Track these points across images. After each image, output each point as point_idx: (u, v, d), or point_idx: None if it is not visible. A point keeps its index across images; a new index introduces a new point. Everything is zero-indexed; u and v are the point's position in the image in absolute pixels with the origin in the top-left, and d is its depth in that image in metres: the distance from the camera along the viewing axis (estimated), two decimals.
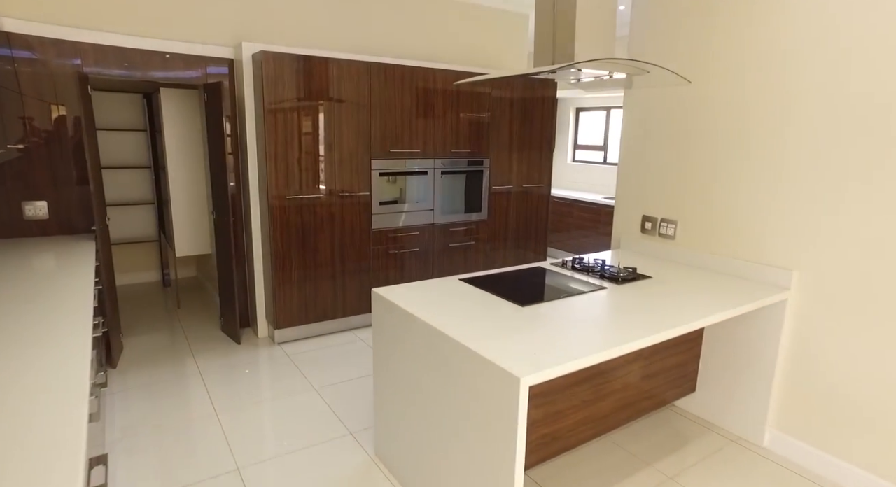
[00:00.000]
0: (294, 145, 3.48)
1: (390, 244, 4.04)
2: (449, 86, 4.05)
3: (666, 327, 1.89)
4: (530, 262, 4.90)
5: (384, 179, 3.90)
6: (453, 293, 2.28)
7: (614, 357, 1.74)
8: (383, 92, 3.76)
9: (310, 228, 3.64)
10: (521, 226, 4.77)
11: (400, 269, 4.13)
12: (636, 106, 3.09)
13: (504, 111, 4.41)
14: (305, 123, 3.49)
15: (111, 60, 3.21)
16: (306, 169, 3.56)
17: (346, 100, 3.62)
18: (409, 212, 4.08)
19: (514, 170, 4.61)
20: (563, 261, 2.84)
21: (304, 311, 3.76)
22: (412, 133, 3.96)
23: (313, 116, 3.52)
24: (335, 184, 3.69)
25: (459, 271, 4.46)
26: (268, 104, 3.35)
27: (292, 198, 3.54)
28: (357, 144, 3.74)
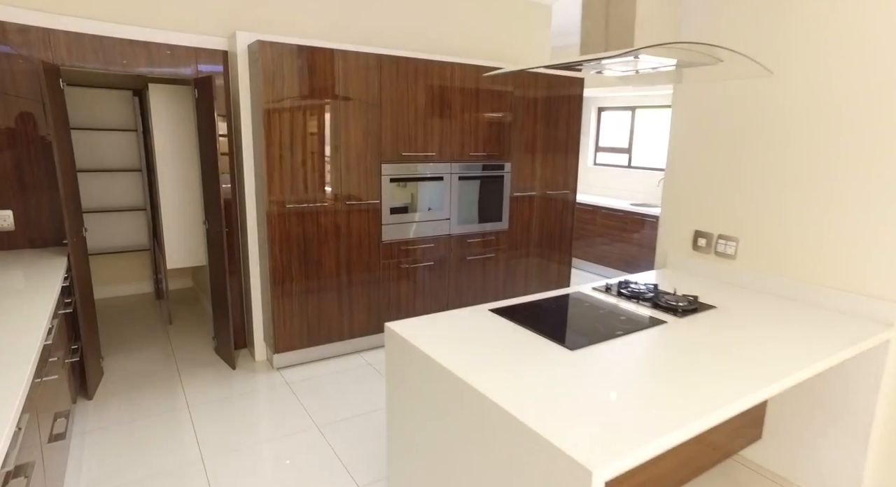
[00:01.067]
0: (295, 147, 3.09)
1: (402, 257, 3.64)
2: (467, 83, 3.65)
3: (760, 383, 1.47)
4: (554, 276, 4.49)
5: (395, 185, 3.51)
6: (484, 329, 1.88)
7: (705, 428, 1.33)
8: (395, 88, 3.37)
9: (312, 240, 3.25)
10: (544, 236, 4.36)
11: (413, 285, 3.73)
12: (689, 103, 2.68)
13: (527, 111, 4.00)
14: (308, 123, 3.10)
15: (87, 51, 2.83)
16: (309, 174, 3.17)
17: (353, 98, 3.22)
18: (423, 222, 3.68)
19: (536, 174, 4.20)
20: (606, 286, 2.43)
21: (306, 333, 3.36)
22: (426, 134, 3.56)
23: (317, 115, 3.12)
24: (341, 191, 3.30)
25: (477, 287, 4.05)
26: (265, 101, 2.96)
27: (293, 207, 3.15)
28: (366, 147, 3.34)
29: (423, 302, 3.81)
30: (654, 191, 5.72)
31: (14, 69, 2.70)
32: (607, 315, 2.07)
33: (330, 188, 3.25)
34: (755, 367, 1.58)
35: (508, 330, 1.87)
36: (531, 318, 2.00)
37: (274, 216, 3.10)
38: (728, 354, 1.68)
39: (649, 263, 5.19)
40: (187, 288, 5.07)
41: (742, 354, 1.68)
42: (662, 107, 5.64)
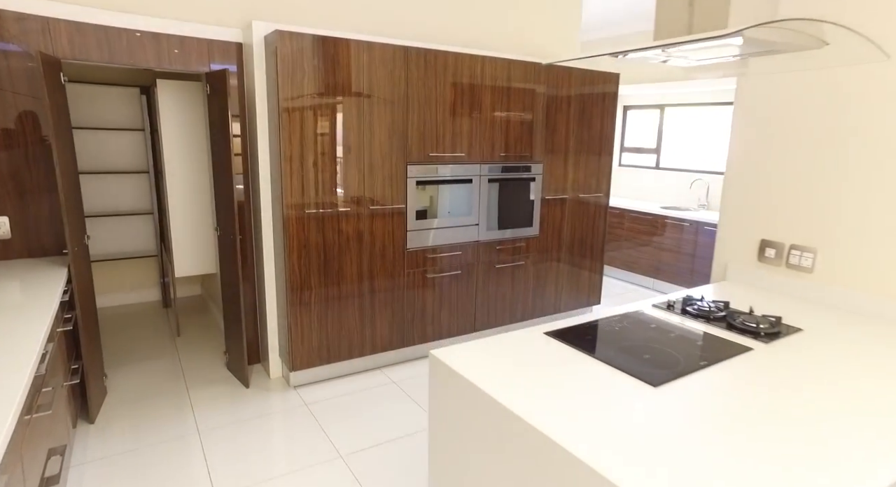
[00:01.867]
0: (315, 147, 2.84)
1: (428, 266, 3.38)
2: (498, 79, 3.38)
3: None
4: (585, 284, 4.22)
5: (422, 189, 3.25)
6: (543, 358, 1.61)
7: None
8: (423, 83, 3.11)
9: (333, 247, 3.00)
10: (575, 242, 4.08)
11: (438, 296, 3.47)
12: (755, 98, 2.40)
13: (559, 109, 3.73)
14: (329, 121, 2.85)
15: (90, 43, 2.59)
16: (329, 176, 2.91)
17: (378, 93, 2.97)
18: (450, 228, 3.42)
19: (569, 177, 3.93)
20: (668, 303, 2.16)
21: (326, 349, 3.11)
22: (455, 134, 3.30)
23: (338, 112, 2.87)
24: (364, 195, 3.04)
25: (506, 297, 3.79)
26: (284, 97, 2.71)
27: (312, 212, 2.90)
28: (391, 147, 3.08)
29: (450, 314, 3.55)
30: (685, 194, 5.43)
31: (11, 63, 2.46)
32: (680, 340, 1.79)
33: (352, 191, 3.00)
34: (883, 410, 1.30)
35: (572, 359, 1.61)
36: (593, 343, 1.74)
37: (291, 222, 2.84)
38: (843, 392, 1.40)
39: (682, 270, 4.91)
40: (196, 296, 4.83)
41: (861, 392, 1.40)
42: (694, 104, 5.35)
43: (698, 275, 4.77)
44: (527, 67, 3.50)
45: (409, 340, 3.41)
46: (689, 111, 5.42)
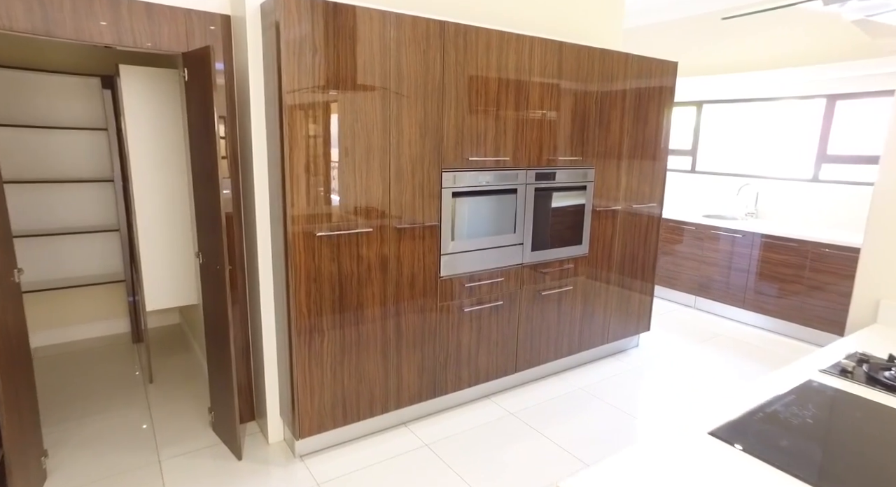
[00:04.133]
0: (328, 151, 2.17)
1: (465, 297, 2.73)
2: (548, 65, 2.75)
3: None
4: (635, 310, 3.62)
5: (458, 201, 2.59)
6: None
7: None
8: (462, 69, 2.46)
9: (351, 279, 2.32)
10: (626, 261, 3.47)
11: (476, 333, 2.82)
12: None
13: (614, 103, 3.12)
14: (345, 116, 2.18)
15: (15, 6, 1.88)
16: (346, 188, 2.24)
17: (408, 81, 2.31)
18: (492, 250, 2.77)
19: (622, 184, 3.31)
20: (841, 369, 1.54)
21: (341, 407, 2.43)
22: (499, 133, 2.66)
23: (358, 105, 2.20)
24: (389, 211, 2.38)
25: (551, 329, 3.15)
26: (288, 86, 2.03)
27: (325, 235, 2.22)
28: (423, 149, 2.42)
29: (489, 354, 2.90)
30: (727, 201, 4.86)
31: None
32: None
33: (374, 206, 2.33)
34: None
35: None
36: (795, 454, 1.11)
37: (298, 248, 2.16)
38: None
39: (733, 287, 4.33)
40: (173, 326, 4.09)
41: None
42: (737, 101, 4.79)
43: (752, 294, 4.20)
44: (580, 52, 2.87)
45: (441, 388, 2.75)
46: (730, 108, 4.86)
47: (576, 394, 3.07)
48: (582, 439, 2.62)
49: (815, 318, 3.84)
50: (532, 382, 3.21)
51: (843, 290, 3.67)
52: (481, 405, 2.94)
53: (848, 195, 4.09)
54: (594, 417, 2.83)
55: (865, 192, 3.99)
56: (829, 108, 4.18)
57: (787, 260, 3.97)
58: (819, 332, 3.85)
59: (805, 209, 4.34)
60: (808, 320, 3.88)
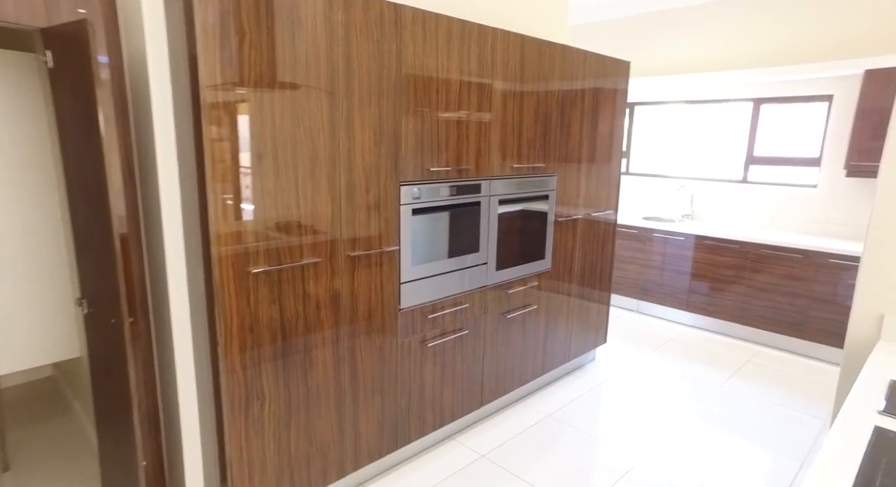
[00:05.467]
0: (261, 166, 1.68)
1: (428, 330, 2.34)
2: (511, 63, 2.43)
3: None
4: (593, 321, 3.45)
5: (419, 219, 2.20)
6: None
7: None
8: (421, 63, 2.07)
9: (296, 324, 1.85)
10: (585, 273, 3.26)
11: (440, 369, 2.44)
12: None
13: (574, 104, 2.88)
14: (282, 120, 1.71)
15: None
16: (287, 212, 1.77)
17: (359, 77, 1.88)
18: (455, 273, 2.41)
19: (581, 192, 3.09)
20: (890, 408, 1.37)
21: (288, 481, 1.95)
22: (461, 139, 2.30)
23: (299, 106, 1.74)
24: (341, 235, 1.93)
25: (516, 353, 2.85)
26: (206, 79, 1.53)
27: (262, 270, 1.73)
28: (378, 158, 2.00)
29: (454, 390, 2.54)
30: (664, 203, 4.88)
31: None
32: None
33: (321, 230, 1.87)
34: None
35: None
36: None
37: (227, 291, 1.66)
38: None
39: (670, 289, 4.32)
40: (42, 381, 3.28)
41: None
42: (671, 102, 4.81)
43: (694, 296, 4.21)
44: (542, 48, 2.59)
45: (404, 438, 2.35)
46: (662, 110, 4.88)
47: (545, 424, 2.80)
48: (565, 479, 2.34)
49: (757, 318, 3.90)
50: (497, 413, 2.90)
51: (784, 290, 3.75)
52: (448, 448, 2.57)
53: (775, 195, 4.21)
54: (571, 450, 2.57)
55: (790, 193, 4.13)
56: (755, 112, 4.29)
57: (728, 261, 4.00)
58: (763, 332, 3.92)
59: (736, 209, 4.43)
60: (751, 320, 3.93)
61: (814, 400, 3.10)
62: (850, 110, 3.77)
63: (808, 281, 3.64)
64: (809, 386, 3.27)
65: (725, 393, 3.17)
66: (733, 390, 3.21)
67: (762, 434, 2.72)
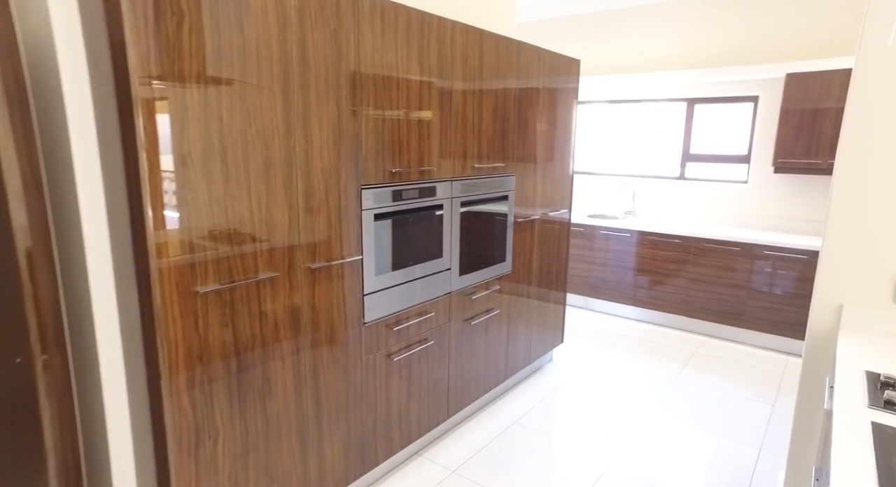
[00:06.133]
0: (208, 170, 1.46)
1: (393, 343, 2.19)
2: (470, 58, 2.33)
3: None
4: (551, 321, 3.43)
5: (382, 225, 2.04)
6: None
7: None
8: (380, 56, 1.91)
9: (252, 347, 1.64)
10: (543, 274, 3.22)
11: (406, 383, 2.29)
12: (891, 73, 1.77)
13: (530, 102, 2.82)
14: (231, 117, 1.49)
15: None
16: (240, 222, 1.56)
17: (316, 70, 1.69)
18: (419, 280, 2.27)
19: (538, 191, 3.04)
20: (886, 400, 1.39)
21: None
22: (422, 138, 2.16)
23: (250, 101, 1.53)
24: (300, 246, 1.74)
25: (479, 360, 2.75)
26: (138, 68, 1.29)
27: (213, 291, 1.51)
28: (338, 160, 1.82)
29: (420, 404, 2.40)
30: (607, 200, 4.97)
31: None
32: None
33: (278, 241, 1.67)
34: None
35: None
36: None
37: (171, 315, 1.43)
38: None
39: (618, 284, 4.41)
40: None
41: None
42: (611, 101, 4.91)
43: (641, 290, 4.31)
44: (499, 44, 2.50)
45: (371, 460, 2.18)
46: (602, 108, 4.98)
47: (512, 432, 2.72)
48: None
49: (700, 310, 4.05)
50: (463, 423, 2.79)
51: (724, 282, 3.91)
52: (416, 466, 2.42)
53: (710, 191, 4.41)
54: (542, 458, 2.50)
55: (723, 188, 4.33)
56: (689, 111, 4.47)
57: (672, 255, 4.13)
58: (706, 323, 4.07)
59: (675, 205, 4.59)
60: (695, 312, 4.07)
61: (759, 387, 3.24)
62: (775, 111, 3.99)
63: (746, 272, 3.82)
64: (753, 373, 3.42)
65: (679, 386, 3.24)
66: (686, 383, 3.29)
67: (720, 425, 2.79)
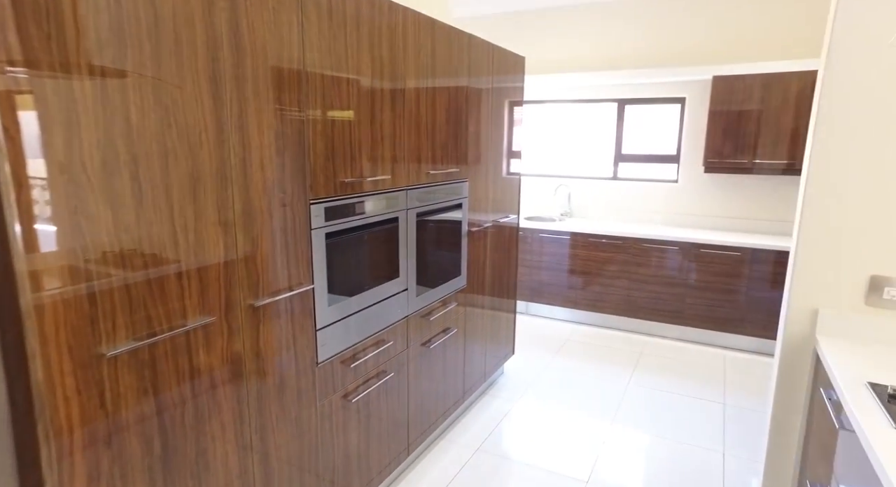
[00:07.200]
0: (118, 185, 1.08)
1: (349, 381, 1.87)
2: (422, 52, 2.06)
3: None
4: (503, 332, 3.27)
5: (334, 244, 1.72)
6: None
7: None
8: (328, 48, 1.59)
9: (182, 417, 1.27)
10: (495, 285, 3.03)
11: (366, 424, 1.99)
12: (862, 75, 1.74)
13: (482, 99, 2.61)
14: (144, 120, 1.12)
15: None
16: (158, 251, 1.18)
17: (252, 58, 1.35)
18: (376, 305, 1.97)
19: (489, 196, 2.84)
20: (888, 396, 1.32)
21: None
22: (375, 142, 1.86)
23: (170, 99, 1.16)
24: (240, 279, 1.38)
25: (438, 384, 2.50)
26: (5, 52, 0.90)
27: (127, 352, 1.13)
28: (282, 171, 1.49)
29: (381, 444, 2.10)
30: (543, 202, 4.90)
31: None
32: None
33: (212, 277, 1.31)
34: None
35: None
36: None
37: (60, 394, 1.03)
38: None
39: (559, 288, 4.35)
40: None
41: None
42: (543, 101, 4.85)
43: (582, 293, 4.28)
44: (451, 36, 2.26)
45: None
46: (535, 108, 4.90)
47: (477, 460, 2.50)
48: None
49: (641, 309, 4.07)
50: (423, 456, 2.52)
51: (664, 281, 3.96)
52: None
53: (642, 190, 4.47)
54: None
55: (655, 188, 4.41)
56: (620, 112, 4.50)
57: (612, 257, 4.12)
58: (647, 322, 4.10)
59: (609, 205, 4.61)
60: (636, 312, 4.10)
61: (707, 385, 3.27)
62: (701, 112, 4.11)
63: (684, 270, 3.88)
64: (698, 371, 3.47)
65: (633, 392, 3.20)
66: (639, 387, 3.25)
67: (680, 430, 2.76)
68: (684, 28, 4.03)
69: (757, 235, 3.92)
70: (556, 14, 4.47)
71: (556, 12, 4.46)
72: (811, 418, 1.91)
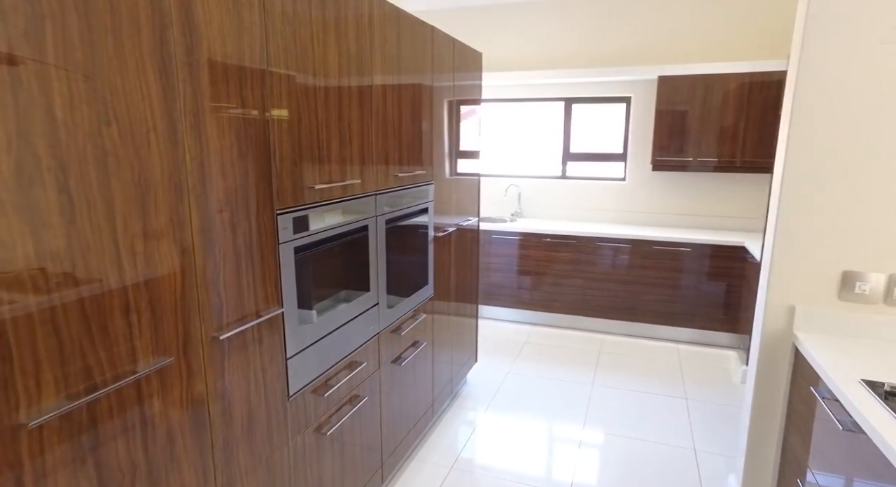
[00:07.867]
0: (39, 199, 0.83)
1: (322, 411, 1.66)
2: (388, 45, 1.88)
3: None
4: (467, 337, 3.15)
5: (303, 259, 1.51)
6: None
7: None
8: (293, 36, 1.38)
9: (133, 483, 1.02)
10: (460, 290, 2.90)
11: (341, 456, 1.78)
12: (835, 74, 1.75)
13: (443, 97, 2.45)
14: (71, 114, 0.87)
15: None
16: (98, 283, 0.93)
17: (207, 41, 1.12)
18: (347, 325, 1.77)
19: (453, 199, 2.70)
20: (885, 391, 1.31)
21: None
22: (343, 142, 1.66)
23: (105, 87, 0.92)
24: (199, 310, 1.15)
25: (409, 402, 2.33)
26: None
27: (55, 416, 0.87)
28: (245, 178, 1.26)
29: (356, 475, 1.90)
30: (494, 202, 4.82)
31: None
32: None
33: (167, 308, 1.07)
34: None
35: None
36: None
37: None
38: None
39: (511, 289, 4.29)
40: None
41: None
42: (490, 101, 4.76)
43: (536, 293, 4.24)
44: (415, 28, 2.09)
45: None
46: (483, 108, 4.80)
47: (455, 479, 2.35)
48: None
49: (596, 308, 4.09)
50: (397, 479, 2.33)
51: (617, 278, 3.99)
52: None
53: (591, 189, 4.50)
54: None
55: (603, 186, 4.45)
56: (567, 111, 4.51)
57: (565, 256, 4.11)
58: (604, 321, 4.12)
59: (558, 204, 4.61)
60: (591, 310, 4.11)
61: (667, 381, 3.31)
62: (648, 111, 4.18)
63: (637, 267, 3.93)
64: (656, 367, 3.51)
65: (598, 393, 3.17)
66: (602, 388, 3.23)
67: (649, 429, 2.75)
68: (629, 28, 4.08)
69: (701, 230, 4.04)
70: (501, 11, 4.40)
71: (502, 9, 4.39)
72: (791, 414, 1.93)
